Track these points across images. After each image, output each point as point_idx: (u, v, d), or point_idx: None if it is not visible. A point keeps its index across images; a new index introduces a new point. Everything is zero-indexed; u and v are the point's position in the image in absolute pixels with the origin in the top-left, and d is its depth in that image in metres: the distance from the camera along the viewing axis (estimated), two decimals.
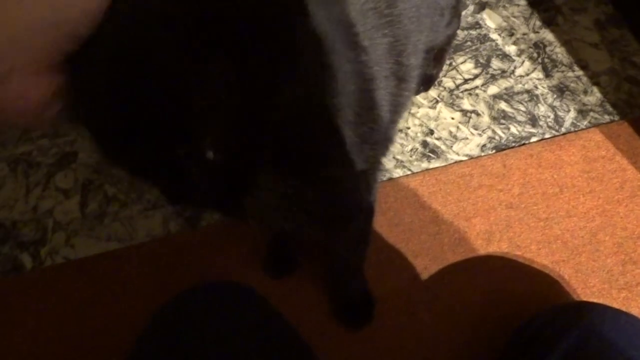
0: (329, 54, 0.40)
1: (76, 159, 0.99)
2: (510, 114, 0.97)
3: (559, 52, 1.04)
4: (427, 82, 0.97)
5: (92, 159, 0.99)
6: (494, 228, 0.84)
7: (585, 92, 0.98)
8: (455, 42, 1.06)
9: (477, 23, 1.07)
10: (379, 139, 0.52)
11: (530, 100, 0.98)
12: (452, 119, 0.98)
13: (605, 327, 0.57)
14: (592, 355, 0.55)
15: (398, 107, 0.55)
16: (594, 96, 0.97)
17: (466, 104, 0.99)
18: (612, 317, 0.58)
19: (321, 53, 0.39)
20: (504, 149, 0.93)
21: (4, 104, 0.30)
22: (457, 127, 0.96)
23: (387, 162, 0.93)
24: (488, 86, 1.01)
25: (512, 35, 1.06)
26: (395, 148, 0.95)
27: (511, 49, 1.05)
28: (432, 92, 1.01)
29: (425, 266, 0.83)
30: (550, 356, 0.56)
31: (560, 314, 0.62)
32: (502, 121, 0.96)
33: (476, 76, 1.02)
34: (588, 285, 0.79)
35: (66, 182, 0.98)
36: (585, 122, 0.94)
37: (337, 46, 0.42)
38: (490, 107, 0.98)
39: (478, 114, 0.98)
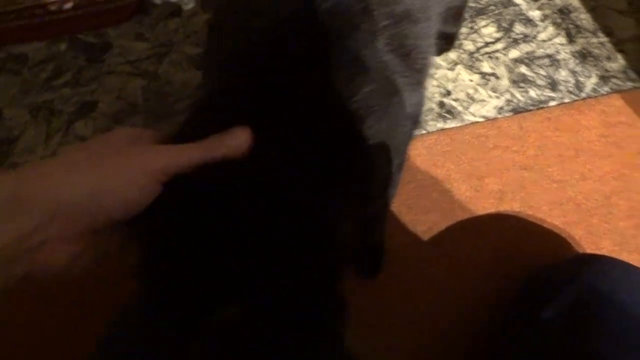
0: None
1: (96, 108, 1.01)
2: (530, 78, 0.95)
3: (584, 18, 1.02)
4: (448, 41, 0.96)
5: (112, 108, 1.01)
6: (506, 188, 0.84)
7: (608, 59, 0.96)
8: (479, 5, 1.05)
9: None
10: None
11: (551, 65, 0.97)
12: (471, 81, 0.97)
13: (604, 279, 0.57)
14: (599, 299, 0.55)
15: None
16: (618, 63, 0.95)
17: (486, 67, 0.98)
18: (611, 268, 0.58)
19: None
20: (521, 112, 0.92)
21: (34, 264, 0.33)
22: (475, 89, 0.96)
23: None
24: (509, 50, 0.99)
25: (537, 0, 1.04)
26: None
27: (535, 14, 1.03)
28: (452, 55, 1.00)
29: (436, 222, 0.83)
30: (561, 298, 0.57)
31: (563, 266, 0.62)
32: (522, 85, 0.95)
33: (497, 40, 1.01)
34: (599, 246, 0.78)
35: (85, 130, 0.99)
36: (606, 88, 0.93)
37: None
38: (510, 71, 0.97)
39: (497, 77, 0.96)
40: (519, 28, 1.01)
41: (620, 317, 0.51)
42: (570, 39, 0.99)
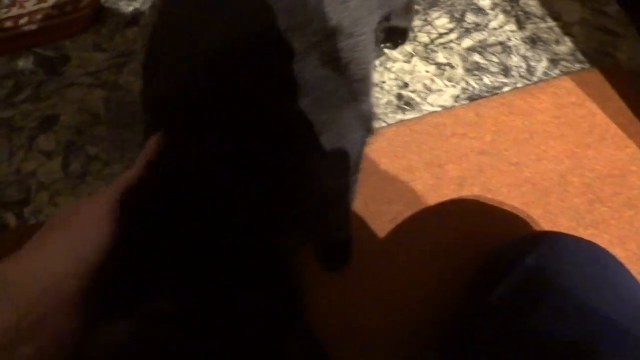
0: None
1: (58, 122, 1.01)
2: (484, 66, 0.98)
3: (533, 4, 1.05)
4: (402, 35, 0.99)
5: (74, 121, 1.01)
6: (466, 174, 0.86)
7: (557, 42, 0.99)
8: None
9: None
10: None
11: (503, 52, 0.99)
12: (427, 72, 0.99)
13: (552, 255, 0.59)
14: (546, 277, 0.57)
15: None
16: (566, 46, 0.98)
17: (441, 58, 1.00)
18: (560, 243, 0.61)
19: None
20: (477, 99, 0.94)
21: (43, 342, 0.35)
22: (432, 80, 0.98)
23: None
24: (462, 40, 1.02)
25: None
26: None
27: (486, 3, 1.06)
28: (408, 47, 1.02)
29: (401, 212, 0.85)
30: (511, 278, 0.59)
31: (521, 242, 0.65)
32: (476, 73, 0.98)
33: (451, 30, 1.03)
34: (557, 224, 0.81)
35: (48, 145, 0.99)
36: (556, 71, 0.96)
37: None
38: (465, 60, 0.99)
39: (452, 67, 0.99)
40: (470, 18, 1.04)
41: (566, 290, 0.54)
42: (520, 26, 1.02)
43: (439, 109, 0.94)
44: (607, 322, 0.50)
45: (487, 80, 0.96)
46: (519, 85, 0.95)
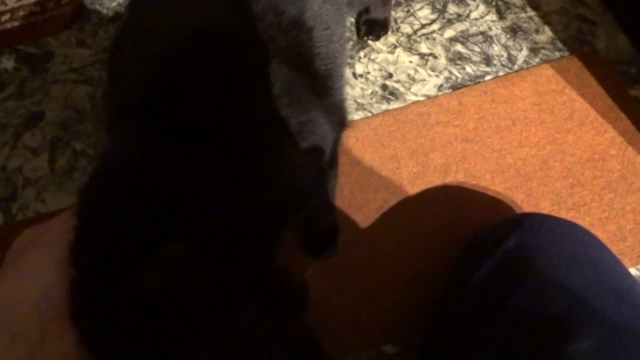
0: None
1: (43, 118, 1.01)
2: (466, 55, 1.00)
3: None
4: (382, 26, 1.00)
5: (59, 117, 1.00)
6: (450, 161, 0.88)
7: (537, 31, 1.01)
8: None
9: None
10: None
11: (484, 42, 1.01)
12: (410, 62, 1.00)
13: (532, 234, 0.60)
14: (526, 256, 0.58)
15: None
16: (545, 34, 1.00)
17: (424, 48, 1.02)
18: (540, 223, 0.62)
19: None
20: (460, 88, 0.96)
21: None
22: (415, 70, 0.99)
23: (349, 106, 0.96)
24: (444, 30, 1.03)
25: None
26: (355, 92, 0.98)
27: None
28: (391, 38, 1.03)
29: (386, 200, 0.86)
30: (491, 259, 0.60)
31: (501, 224, 0.66)
32: (458, 62, 0.99)
33: (433, 21, 1.05)
34: (539, 207, 0.83)
35: (34, 141, 0.99)
36: (536, 59, 0.98)
37: None
38: (447, 50, 1.01)
39: (435, 57, 1.00)
40: (452, 8, 1.06)
41: (546, 267, 0.55)
42: (501, 16, 1.04)
43: (422, 98, 0.95)
44: (587, 295, 0.52)
45: (469, 69, 0.98)
46: (501, 74, 0.97)
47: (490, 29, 1.03)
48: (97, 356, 0.36)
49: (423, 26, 1.04)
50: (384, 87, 0.98)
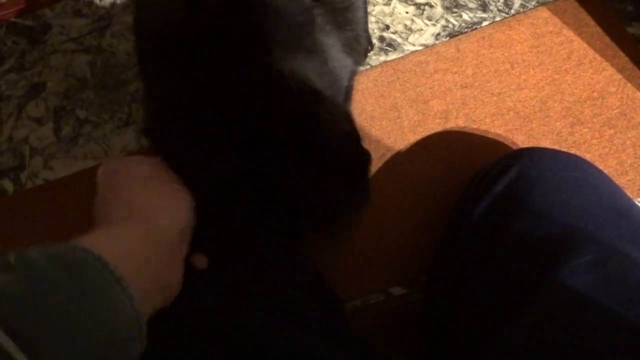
0: None
1: (45, 88, 1.02)
2: (462, 2, 0.99)
3: None
4: None
5: (61, 86, 1.01)
6: (450, 107, 0.89)
7: None
8: None
9: None
10: None
11: None
12: (407, 13, 1.00)
13: (531, 166, 0.61)
14: (526, 185, 0.59)
15: None
16: None
17: None
18: (540, 155, 0.62)
19: None
20: (457, 35, 0.96)
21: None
22: (412, 20, 0.99)
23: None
24: None
25: None
26: None
27: None
28: None
29: (388, 148, 0.87)
30: (492, 190, 0.61)
31: (501, 159, 0.67)
32: (455, 10, 0.99)
33: None
34: None
35: (38, 111, 1.00)
36: (533, 2, 0.97)
37: None
38: None
39: (431, 6, 1.00)
40: None
41: (546, 193, 0.56)
42: None
43: (420, 48, 0.96)
44: (588, 214, 0.53)
45: (466, 16, 0.98)
46: (497, 19, 0.97)
47: None
48: None
49: None
50: (382, 38, 0.98)
